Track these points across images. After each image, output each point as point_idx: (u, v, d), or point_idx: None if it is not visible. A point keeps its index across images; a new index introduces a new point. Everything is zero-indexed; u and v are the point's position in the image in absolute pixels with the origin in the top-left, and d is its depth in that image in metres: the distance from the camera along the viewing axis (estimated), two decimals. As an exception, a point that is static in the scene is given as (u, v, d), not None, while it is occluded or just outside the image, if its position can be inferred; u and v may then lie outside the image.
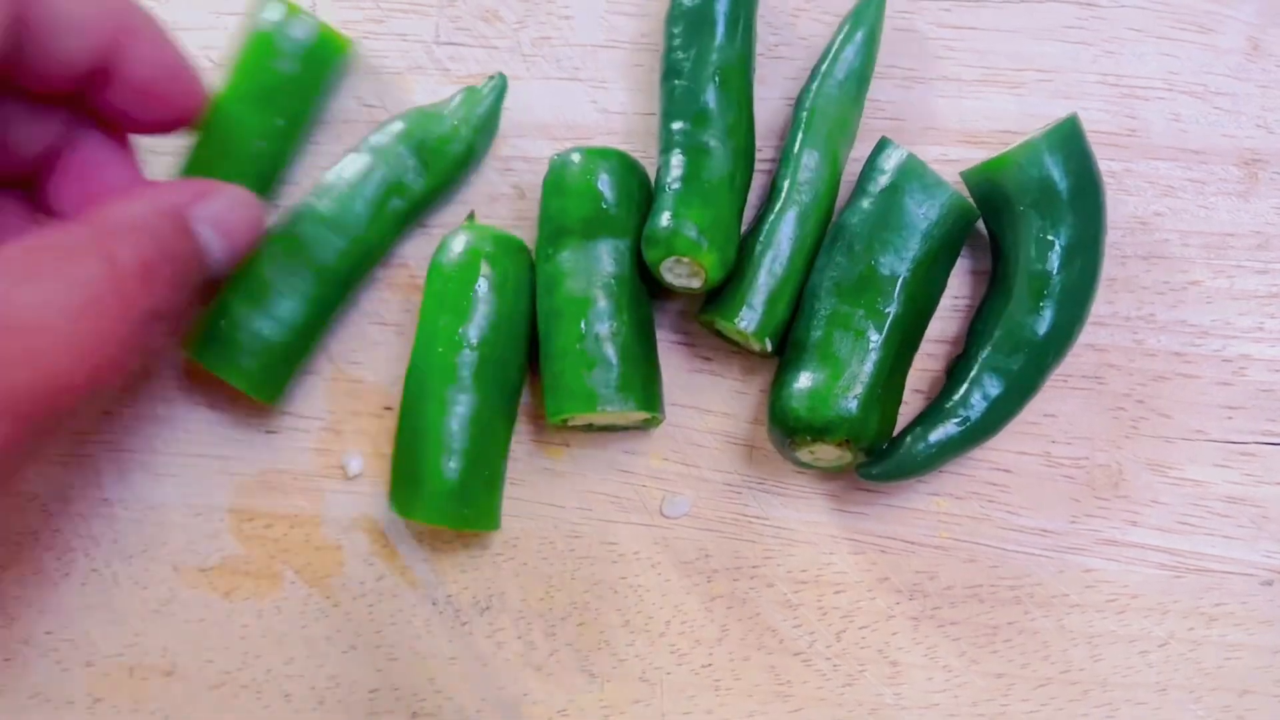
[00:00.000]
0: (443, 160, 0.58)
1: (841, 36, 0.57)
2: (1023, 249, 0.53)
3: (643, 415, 0.55)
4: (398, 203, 0.57)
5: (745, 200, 0.56)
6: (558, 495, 0.57)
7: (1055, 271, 0.53)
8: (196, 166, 0.56)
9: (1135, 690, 0.55)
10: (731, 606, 0.56)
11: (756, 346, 0.55)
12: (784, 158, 0.56)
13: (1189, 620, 0.55)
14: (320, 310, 0.56)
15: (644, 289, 0.56)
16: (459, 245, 0.56)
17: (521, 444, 0.58)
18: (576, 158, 0.55)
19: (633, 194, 0.56)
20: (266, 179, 0.57)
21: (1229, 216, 0.58)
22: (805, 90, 0.57)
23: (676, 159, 0.54)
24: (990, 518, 0.56)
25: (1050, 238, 0.53)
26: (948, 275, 0.56)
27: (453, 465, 0.54)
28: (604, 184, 0.55)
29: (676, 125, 0.55)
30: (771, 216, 0.55)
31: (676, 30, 0.56)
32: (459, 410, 0.54)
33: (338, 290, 0.56)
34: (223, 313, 0.54)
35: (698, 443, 0.58)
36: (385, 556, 0.57)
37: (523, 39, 0.61)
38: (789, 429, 0.53)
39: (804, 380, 0.52)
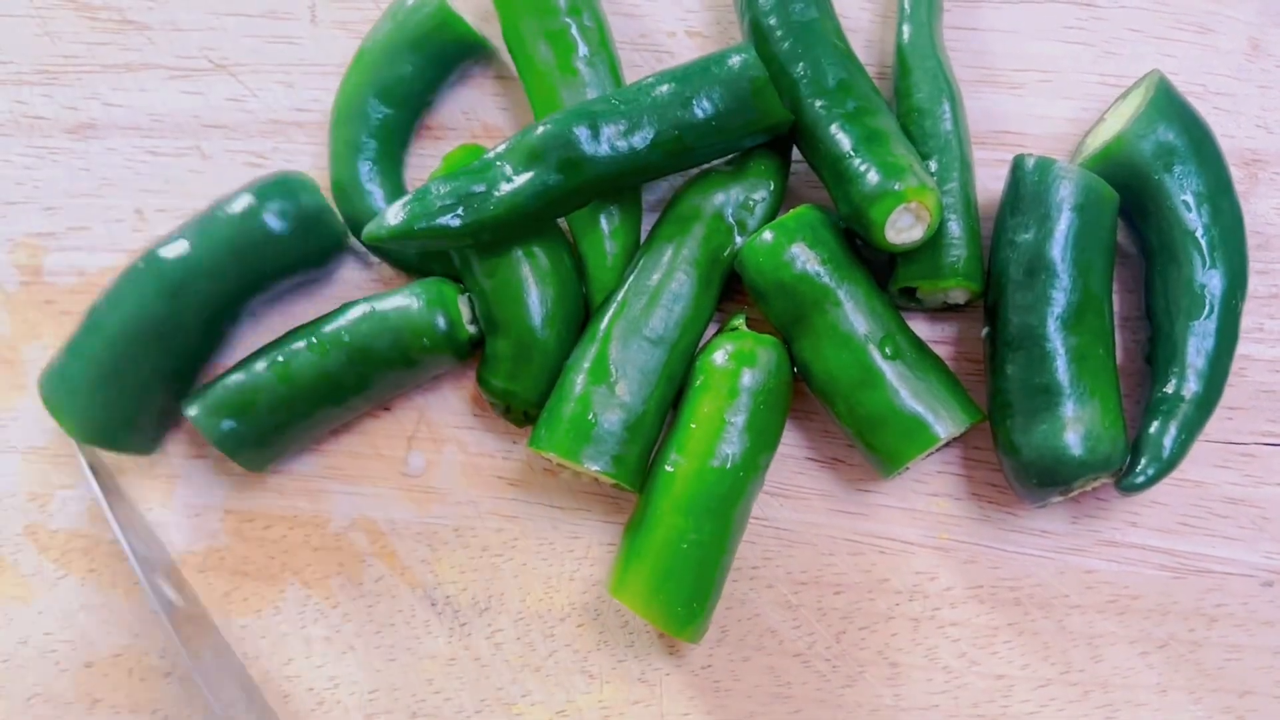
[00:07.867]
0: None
1: None
2: (1169, 216, 0.53)
3: (969, 422, 0.53)
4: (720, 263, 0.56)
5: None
6: (557, 496, 0.57)
7: (1209, 223, 0.53)
8: None
9: (1136, 691, 0.55)
10: (731, 607, 0.56)
11: (963, 298, 0.55)
12: (918, 109, 0.56)
13: (1189, 621, 0.55)
14: (670, 380, 0.55)
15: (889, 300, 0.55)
16: (724, 363, 0.54)
17: (523, 445, 0.58)
18: (763, 241, 0.53)
19: (832, 247, 0.54)
20: None
21: (1229, 217, 0.58)
22: (900, 46, 0.57)
23: (840, 131, 0.53)
24: (990, 518, 0.56)
25: (1191, 196, 0.53)
26: None
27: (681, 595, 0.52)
28: (803, 262, 0.53)
29: (819, 103, 0.54)
30: (938, 168, 0.54)
31: (773, 21, 0.55)
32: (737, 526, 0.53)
33: (684, 359, 0.55)
34: (587, 407, 0.53)
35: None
36: (384, 557, 0.57)
37: (522, 40, 0.61)
38: (1069, 476, 0.51)
39: (1069, 423, 0.51)
